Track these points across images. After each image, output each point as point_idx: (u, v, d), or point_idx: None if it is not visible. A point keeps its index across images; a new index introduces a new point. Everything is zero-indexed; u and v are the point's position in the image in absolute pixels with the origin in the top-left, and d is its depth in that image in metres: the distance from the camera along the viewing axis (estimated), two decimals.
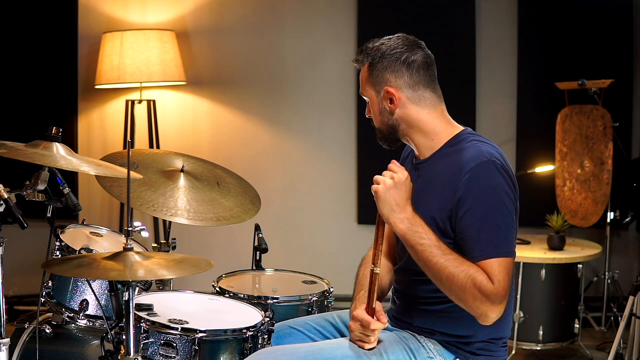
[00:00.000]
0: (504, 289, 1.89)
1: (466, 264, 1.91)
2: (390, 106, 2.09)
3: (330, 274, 2.97)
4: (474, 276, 1.88)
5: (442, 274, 1.91)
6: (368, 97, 2.14)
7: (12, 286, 4.60)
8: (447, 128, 2.11)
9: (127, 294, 1.94)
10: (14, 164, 2.11)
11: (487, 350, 2.08)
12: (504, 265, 1.91)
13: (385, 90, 2.08)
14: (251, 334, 2.15)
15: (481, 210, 1.93)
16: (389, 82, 2.08)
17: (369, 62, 2.10)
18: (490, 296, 1.88)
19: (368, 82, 2.12)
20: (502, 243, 1.92)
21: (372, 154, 4.73)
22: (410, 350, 2.07)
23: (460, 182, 1.96)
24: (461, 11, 4.65)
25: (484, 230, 1.92)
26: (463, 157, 2.00)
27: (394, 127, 2.11)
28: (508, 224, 1.95)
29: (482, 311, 1.89)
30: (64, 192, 2.26)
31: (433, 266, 1.92)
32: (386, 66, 2.07)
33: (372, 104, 2.13)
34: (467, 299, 1.90)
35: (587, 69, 4.39)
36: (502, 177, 1.96)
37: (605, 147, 4.13)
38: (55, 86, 4.70)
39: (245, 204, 2.80)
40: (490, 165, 1.96)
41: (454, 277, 1.89)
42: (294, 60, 4.83)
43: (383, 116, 2.11)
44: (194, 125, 4.85)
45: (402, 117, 2.09)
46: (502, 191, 1.95)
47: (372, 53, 2.09)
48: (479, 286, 1.88)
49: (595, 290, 4.56)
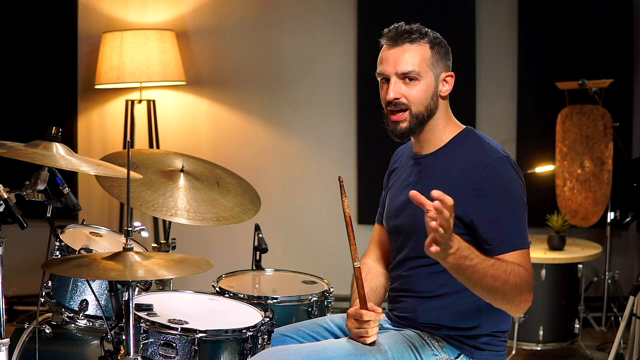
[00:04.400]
0: (532, 276, 1.97)
1: (504, 264, 1.92)
2: (444, 90, 2.12)
3: (330, 274, 2.96)
4: (517, 272, 1.92)
5: (497, 282, 1.89)
6: (424, 77, 2.09)
7: (11, 286, 4.60)
8: (455, 124, 2.17)
9: (127, 294, 1.94)
10: (13, 164, 2.11)
11: (490, 345, 2.10)
12: (528, 255, 2.00)
13: (448, 75, 2.12)
14: (251, 334, 2.15)
15: (505, 205, 1.98)
16: (449, 67, 2.14)
17: (431, 43, 2.10)
18: (530, 285, 1.95)
19: (430, 62, 2.10)
20: (525, 235, 2.00)
21: (372, 154, 4.75)
22: (414, 348, 2.07)
23: (479, 177, 1.99)
24: (461, 11, 4.65)
25: (508, 224, 1.98)
26: (478, 153, 2.04)
27: (433, 113, 2.12)
28: (526, 217, 2.02)
29: (525, 303, 1.94)
30: (64, 192, 2.26)
31: (487, 280, 1.88)
32: (445, 53, 2.13)
33: (425, 85, 2.09)
34: (516, 296, 1.93)
35: (588, 68, 4.39)
36: (516, 173, 2.03)
37: (605, 147, 4.13)
38: (55, 86, 4.70)
39: (245, 204, 2.80)
40: (505, 161, 2.02)
41: (506, 281, 1.90)
42: (294, 60, 4.83)
43: (432, 100, 2.11)
44: (194, 125, 4.85)
45: (442, 105, 2.14)
46: (518, 186, 2.02)
47: (431, 36, 2.11)
48: (523, 279, 1.93)
49: (596, 290, 4.56)
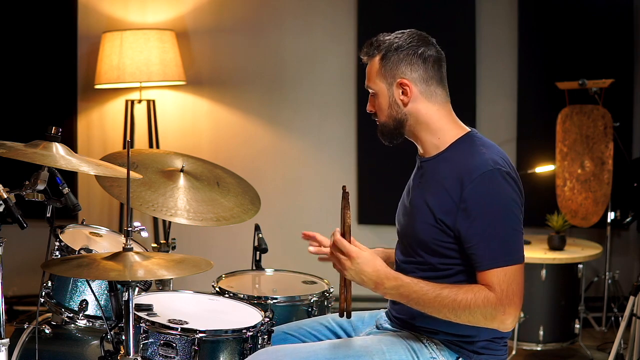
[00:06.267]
0: (507, 295, 1.92)
1: (463, 288, 1.94)
2: (402, 98, 2.08)
3: (330, 274, 2.95)
4: (476, 300, 1.92)
5: (446, 307, 1.94)
6: (377, 89, 2.10)
7: (11, 286, 4.59)
8: (454, 128, 2.11)
9: (127, 294, 1.93)
10: (13, 164, 2.10)
11: (489, 349, 2.08)
12: (510, 273, 1.93)
13: (399, 82, 2.07)
14: (251, 334, 2.15)
15: (487, 221, 1.95)
16: (404, 74, 2.07)
17: (382, 54, 2.08)
18: (497, 306, 1.91)
19: (379, 74, 2.09)
20: (507, 251, 1.95)
21: (372, 154, 4.75)
22: (412, 350, 2.07)
23: (465, 192, 1.96)
24: (461, 11, 4.65)
25: (488, 241, 1.95)
26: (468, 164, 2.00)
27: (402, 122, 2.10)
28: (515, 230, 1.98)
29: (497, 322, 1.94)
30: (64, 192, 2.26)
31: (434, 303, 1.95)
32: (402, 58, 2.06)
33: (381, 97, 2.10)
34: (480, 321, 1.94)
35: (588, 68, 4.38)
36: (508, 185, 1.98)
37: (605, 147, 4.13)
38: (54, 86, 4.70)
39: (245, 204, 2.80)
40: (495, 174, 1.97)
41: (455, 309, 1.93)
42: (294, 60, 4.83)
43: (392, 109, 2.09)
44: (194, 125, 4.85)
45: (412, 112, 2.09)
46: (508, 199, 1.97)
47: (386, 45, 2.08)
48: (485, 305, 1.92)
49: (596, 290, 4.56)
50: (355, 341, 2.13)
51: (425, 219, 2.03)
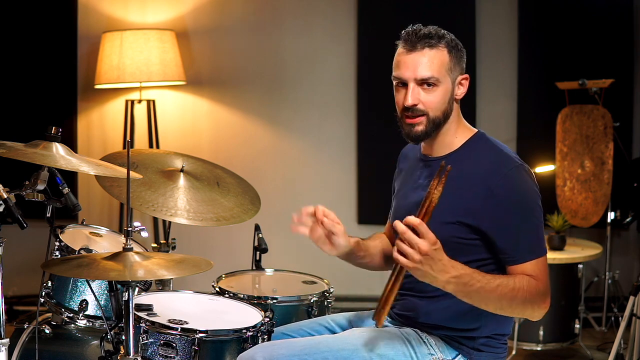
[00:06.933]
0: (546, 284, 1.99)
1: (513, 277, 1.96)
2: (459, 94, 2.12)
3: (330, 274, 2.96)
4: (527, 287, 1.94)
5: (503, 301, 1.94)
6: (443, 81, 2.07)
7: (11, 286, 4.59)
8: (467, 128, 2.16)
9: (127, 294, 1.93)
10: (13, 164, 2.10)
11: (489, 347, 2.09)
12: (543, 264, 2.00)
13: (463, 78, 2.12)
14: (251, 334, 2.15)
15: (520, 215, 1.99)
16: (464, 71, 2.13)
17: (449, 47, 2.09)
18: (543, 294, 1.97)
19: (447, 66, 2.08)
20: (540, 242, 2.01)
21: (372, 154, 4.75)
22: (411, 345, 2.07)
23: (495, 186, 1.99)
24: (461, 11, 4.65)
25: (524, 234, 1.99)
26: (493, 161, 2.04)
27: (447, 118, 2.11)
28: (542, 223, 2.04)
29: (540, 311, 1.99)
30: (64, 192, 2.26)
31: (495, 292, 1.92)
32: (462, 56, 2.12)
33: (443, 90, 2.08)
34: (527, 310, 1.97)
35: (588, 68, 4.38)
36: (532, 181, 2.04)
37: (605, 147, 4.13)
38: (54, 86, 4.70)
39: (245, 204, 2.80)
40: (521, 169, 2.03)
41: (513, 298, 1.94)
42: (294, 59, 4.83)
43: (448, 104, 2.10)
44: (194, 125, 4.85)
45: (456, 108, 2.14)
46: (535, 193, 2.03)
47: (447, 40, 2.09)
48: (534, 292, 1.95)
49: (596, 290, 4.56)
50: (352, 335, 2.12)
51: (442, 218, 1.98)
